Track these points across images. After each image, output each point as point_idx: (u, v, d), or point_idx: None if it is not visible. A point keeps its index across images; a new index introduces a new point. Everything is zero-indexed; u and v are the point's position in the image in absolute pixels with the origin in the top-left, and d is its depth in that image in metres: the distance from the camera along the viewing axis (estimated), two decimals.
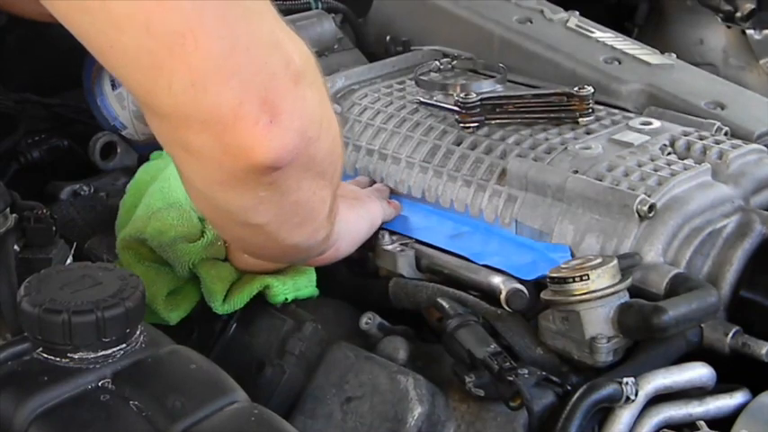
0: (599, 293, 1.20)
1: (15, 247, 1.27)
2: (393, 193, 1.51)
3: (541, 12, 1.80)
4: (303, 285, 1.37)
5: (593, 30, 1.76)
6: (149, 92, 0.93)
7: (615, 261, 1.22)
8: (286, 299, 1.35)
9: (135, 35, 0.89)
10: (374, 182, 1.53)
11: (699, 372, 1.20)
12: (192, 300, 1.38)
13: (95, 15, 0.89)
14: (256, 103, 0.92)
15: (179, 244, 1.35)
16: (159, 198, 1.39)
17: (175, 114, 0.93)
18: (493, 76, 1.64)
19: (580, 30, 1.76)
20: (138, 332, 1.02)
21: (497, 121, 1.50)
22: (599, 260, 1.22)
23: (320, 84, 1.02)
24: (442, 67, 1.72)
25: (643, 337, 1.21)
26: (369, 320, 1.33)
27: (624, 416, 1.16)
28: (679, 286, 1.23)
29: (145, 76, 0.92)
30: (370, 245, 1.42)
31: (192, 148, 0.96)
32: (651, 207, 1.29)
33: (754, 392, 1.19)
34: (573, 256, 1.32)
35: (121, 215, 1.45)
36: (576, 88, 1.50)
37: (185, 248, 1.35)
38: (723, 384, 1.21)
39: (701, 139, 1.45)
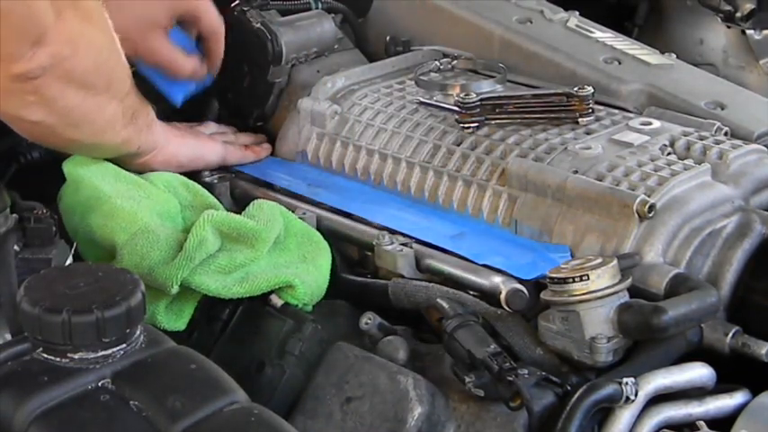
0: (599, 293, 1.20)
1: (15, 247, 1.27)
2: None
3: (541, 12, 1.80)
4: (320, 290, 1.39)
5: (593, 30, 1.76)
6: None
7: (615, 261, 1.22)
8: (305, 304, 1.37)
9: None
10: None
11: (699, 372, 1.20)
12: (194, 301, 1.38)
13: None
14: (27, 42, 1.16)
15: (157, 270, 1.34)
16: (122, 229, 1.38)
17: None
18: (493, 77, 1.64)
19: (580, 30, 1.76)
20: (138, 332, 1.02)
21: (497, 121, 1.50)
22: (599, 260, 1.22)
23: (90, 12, 1.26)
24: (441, 67, 1.72)
25: (643, 337, 1.21)
26: (369, 320, 1.33)
27: (624, 416, 1.16)
28: (679, 286, 1.23)
29: None
30: (362, 242, 1.44)
31: None
32: (651, 207, 1.29)
33: (754, 392, 1.19)
34: (573, 256, 1.32)
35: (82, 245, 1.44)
36: (576, 88, 1.50)
37: (165, 272, 1.33)
38: (723, 384, 1.21)
39: (700, 140, 1.45)
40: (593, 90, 1.50)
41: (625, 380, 1.15)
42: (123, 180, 1.46)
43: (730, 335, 1.23)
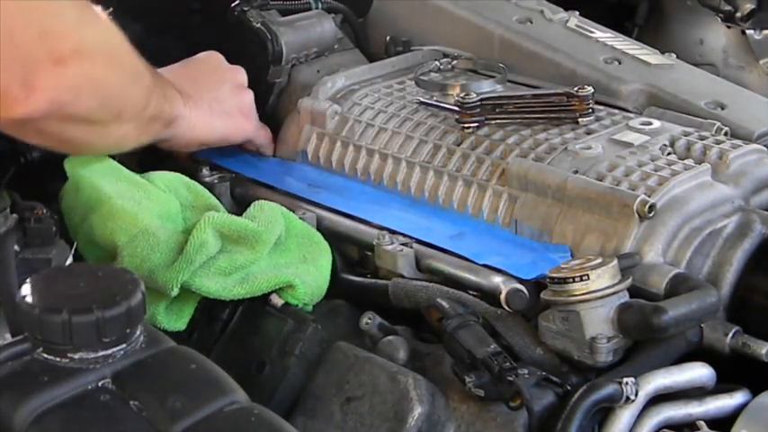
0: (599, 293, 1.20)
1: (15, 247, 1.27)
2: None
3: (541, 12, 1.80)
4: (320, 290, 1.39)
5: (593, 30, 1.76)
6: None
7: (615, 261, 1.22)
8: (305, 304, 1.36)
9: None
10: None
11: (699, 372, 1.20)
12: (194, 302, 1.38)
13: None
14: (18, 84, 1.17)
15: (157, 273, 1.34)
16: (123, 231, 1.38)
17: None
18: (493, 77, 1.64)
19: (580, 30, 1.76)
20: (138, 332, 1.02)
21: (497, 121, 1.50)
22: (599, 260, 1.22)
23: (97, 48, 1.26)
24: (441, 67, 1.72)
25: (643, 337, 1.21)
26: (369, 320, 1.33)
27: (624, 416, 1.16)
28: (679, 286, 1.23)
29: None
30: (363, 242, 1.44)
31: None
32: (651, 207, 1.29)
33: (754, 392, 1.19)
34: (573, 256, 1.32)
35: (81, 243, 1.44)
36: (575, 88, 1.50)
37: (165, 275, 1.33)
38: (723, 384, 1.21)
39: (701, 139, 1.45)
40: (593, 90, 1.50)
41: (625, 380, 1.15)
42: (124, 180, 1.46)
43: (730, 335, 1.23)
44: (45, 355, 1.00)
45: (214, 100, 1.58)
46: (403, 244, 1.41)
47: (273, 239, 1.39)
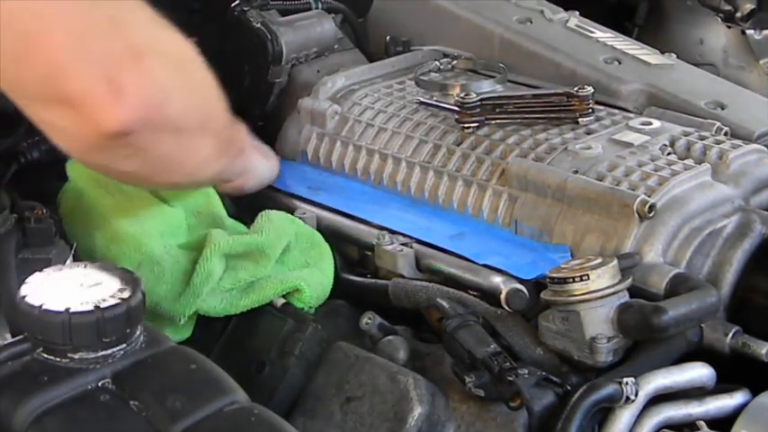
0: (599, 293, 1.20)
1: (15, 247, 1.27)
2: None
3: (541, 12, 1.80)
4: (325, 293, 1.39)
5: (594, 30, 1.76)
6: (13, 80, 1.09)
7: (615, 261, 1.22)
8: (311, 307, 1.36)
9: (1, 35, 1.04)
10: None
11: (699, 372, 1.20)
12: (196, 314, 1.37)
13: None
14: (103, 83, 1.07)
15: (164, 304, 1.33)
16: (126, 257, 1.36)
17: (38, 97, 1.10)
18: (493, 76, 1.64)
19: (580, 30, 1.76)
20: (138, 332, 1.02)
21: (497, 121, 1.50)
22: (599, 260, 1.22)
23: (172, 52, 1.17)
24: (441, 67, 1.72)
25: (643, 337, 1.21)
26: (369, 320, 1.33)
27: (624, 416, 1.16)
28: (679, 286, 1.23)
29: (9, 68, 1.06)
30: (364, 243, 1.44)
31: (56, 125, 1.12)
32: (651, 207, 1.29)
33: (754, 392, 1.19)
34: (573, 256, 1.32)
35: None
36: (575, 88, 1.50)
37: (172, 308, 1.33)
38: (723, 384, 1.21)
39: (701, 139, 1.45)
40: (593, 90, 1.50)
41: (625, 380, 1.15)
42: (125, 191, 1.42)
43: (730, 335, 1.23)
44: (45, 355, 1.00)
45: (254, 143, 1.51)
46: (403, 244, 1.41)
47: (279, 253, 1.38)
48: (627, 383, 1.15)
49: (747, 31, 2.05)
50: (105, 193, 1.42)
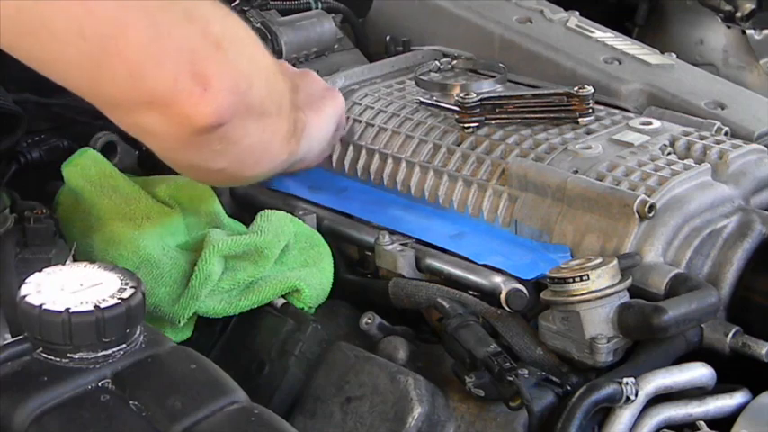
0: (599, 293, 1.20)
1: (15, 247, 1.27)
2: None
3: (541, 12, 1.80)
4: (325, 292, 1.38)
5: (593, 30, 1.76)
6: (95, 89, 1.07)
7: (615, 261, 1.22)
8: (311, 307, 1.36)
9: (73, 44, 1.02)
10: None
11: (699, 372, 1.20)
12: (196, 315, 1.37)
13: (38, 35, 1.02)
14: (187, 77, 1.05)
15: (163, 307, 1.32)
16: (124, 259, 1.35)
17: (123, 103, 1.08)
18: (493, 76, 1.64)
19: (580, 30, 1.76)
20: (138, 332, 1.02)
21: (497, 121, 1.50)
22: (599, 260, 1.22)
23: (242, 36, 1.15)
24: (441, 67, 1.72)
25: (643, 337, 1.21)
26: (369, 320, 1.33)
27: (624, 416, 1.16)
28: (679, 286, 1.23)
29: (89, 77, 1.06)
30: (364, 241, 1.44)
31: (145, 128, 1.11)
32: (651, 207, 1.29)
33: (754, 392, 1.19)
34: (573, 256, 1.32)
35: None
36: (575, 88, 1.50)
37: (171, 310, 1.32)
38: (723, 384, 1.21)
39: (701, 139, 1.45)
40: (593, 90, 1.50)
41: (625, 380, 1.15)
42: (122, 192, 1.43)
43: (730, 335, 1.23)
44: (45, 355, 1.00)
45: (307, 96, 1.45)
46: (403, 244, 1.41)
47: (277, 252, 1.38)
48: (627, 383, 1.15)
49: (747, 31, 2.06)
50: (102, 195, 1.41)
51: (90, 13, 1.01)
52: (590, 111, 1.49)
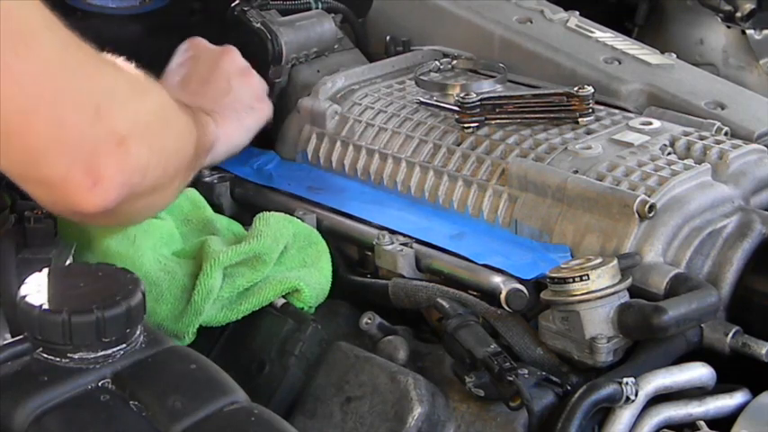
0: (599, 293, 1.20)
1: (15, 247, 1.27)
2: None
3: (541, 12, 1.80)
4: (324, 292, 1.38)
5: (593, 30, 1.76)
6: None
7: (615, 261, 1.22)
8: (311, 306, 1.36)
9: None
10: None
11: (699, 372, 1.20)
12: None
13: None
14: (81, 170, 1.08)
15: (166, 324, 1.32)
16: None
17: (15, 176, 1.12)
18: (493, 76, 1.64)
19: (580, 30, 1.76)
20: (138, 332, 1.02)
21: (497, 121, 1.50)
22: (599, 260, 1.22)
23: (150, 121, 1.17)
24: (441, 67, 1.72)
25: (643, 337, 1.21)
26: (369, 320, 1.33)
27: (624, 416, 1.16)
28: (679, 286, 1.23)
29: None
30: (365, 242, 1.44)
31: (36, 196, 1.15)
32: (651, 207, 1.29)
33: (754, 392, 1.19)
34: (573, 256, 1.32)
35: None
36: (575, 88, 1.50)
37: (175, 327, 1.32)
38: (723, 384, 1.21)
39: (701, 139, 1.45)
40: (593, 90, 1.50)
41: (625, 380, 1.15)
42: None
43: (730, 335, 1.23)
44: (45, 355, 1.00)
45: (234, 101, 1.53)
46: (403, 244, 1.41)
47: (276, 257, 1.38)
48: (627, 383, 1.15)
49: (747, 31, 2.05)
50: None
51: (12, 83, 1.03)
52: (590, 111, 1.49)
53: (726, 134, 1.50)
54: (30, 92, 1.05)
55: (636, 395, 1.15)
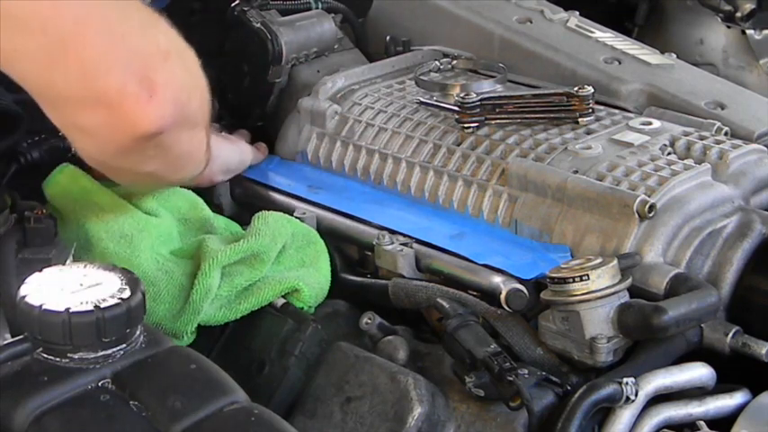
0: (599, 293, 1.20)
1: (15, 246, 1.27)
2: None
3: (541, 12, 1.80)
4: (323, 291, 1.38)
5: (593, 30, 1.76)
6: (46, 84, 1.11)
7: (615, 261, 1.22)
8: (310, 306, 1.36)
9: (34, 37, 1.07)
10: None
11: (699, 372, 1.20)
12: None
13: (2, 26, 1.06)
14: (136, 82, 1.09)
15: (165, 324, 1.32)
16: None
17: (71, 100, 1.11)
18: (493, 76, 1.64)
19: (580, 30, 1.76)
20: (138, 332, 1.02)
21: (497, 121, 1.50)
22: (599, 260, 1.22)
23: (185, 54, 1.19)
24: (441, 67, 1.72)
25: (643, 337, 1.21)
26: (369, 320, 1.33)
27: (624, 416, 1.16)
28: (679, 286, 1.23)
29: (43, 71, 1.09)
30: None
31: (87, 129, 1.14)
32: (651, 207, 1.29)
33: (754, 392, 1.19)
34: (573, 256, 1.32)
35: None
36: (575, 88, 1.50)
37: (173, 327, 1.32)
38: (723, 384, 1.21)
39: (701, 139, 1.45)
40: (593, 90, 1.50)
41: (625, 380, 1.15)
42: (109, 209, 1.40)
43: (730, 335, 1.23)
44: (45, 355, 1.00)
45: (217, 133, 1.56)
46: (403, 244, 1.41)
47: (274, 256, 1.38)
48: (627, 383, 1.15)
49: (747, 31, 2.05)
50: (89, 215, 1.39)
51: (55, 11, 1.06)
52: (590, 111, 1.49)
53: (726, 134, 1.50)
54: (84, 5, 1.07)
55: (636, 395, 1.15)
